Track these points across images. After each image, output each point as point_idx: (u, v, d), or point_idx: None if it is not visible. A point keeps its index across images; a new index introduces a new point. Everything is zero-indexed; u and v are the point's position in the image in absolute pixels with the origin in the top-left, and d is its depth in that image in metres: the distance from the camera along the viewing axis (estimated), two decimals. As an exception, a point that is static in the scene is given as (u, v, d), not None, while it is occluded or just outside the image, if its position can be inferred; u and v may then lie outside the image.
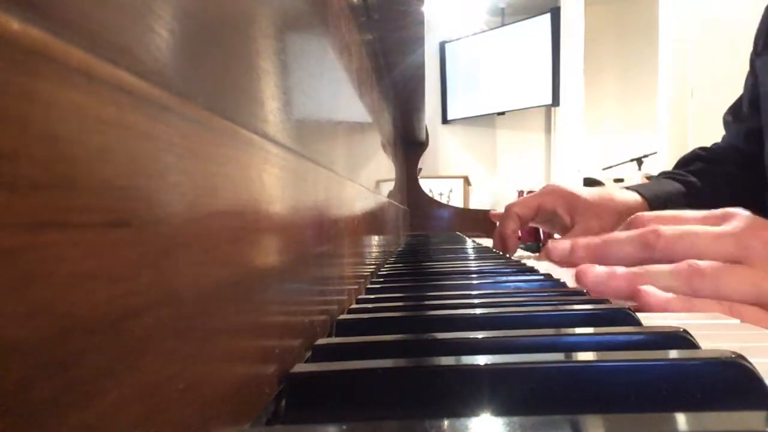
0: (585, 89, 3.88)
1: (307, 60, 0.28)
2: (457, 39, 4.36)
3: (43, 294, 0.08)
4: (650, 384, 0.18)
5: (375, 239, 0.57)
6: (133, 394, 0.10)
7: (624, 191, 0.71)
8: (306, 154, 0.26)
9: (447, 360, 0.19)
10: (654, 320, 0.30)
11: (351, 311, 0.33)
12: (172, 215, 0.12)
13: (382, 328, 0.28)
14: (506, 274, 0.49)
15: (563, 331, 0.24)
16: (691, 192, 0.72)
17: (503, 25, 4.25)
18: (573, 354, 0.20)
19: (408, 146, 1.48)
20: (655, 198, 0.69)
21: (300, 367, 0.20)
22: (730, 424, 0.15)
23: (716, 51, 2.53)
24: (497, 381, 0.18)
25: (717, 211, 0.39)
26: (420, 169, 1.60)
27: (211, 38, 0.16)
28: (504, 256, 0.68)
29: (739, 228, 0.36)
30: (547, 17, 3.99)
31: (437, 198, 1.81)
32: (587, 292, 0.36)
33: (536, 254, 0.76)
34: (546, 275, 0.45)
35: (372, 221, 0.55)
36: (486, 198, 4.34)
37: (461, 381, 0.18)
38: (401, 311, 0.31)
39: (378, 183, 0.69)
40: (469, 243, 0.96)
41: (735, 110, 0.80)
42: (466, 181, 4.06)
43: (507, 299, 0.34)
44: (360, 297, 0.39)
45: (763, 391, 0.17)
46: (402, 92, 1.03)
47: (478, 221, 1.54)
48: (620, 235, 0.41)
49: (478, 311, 0.29)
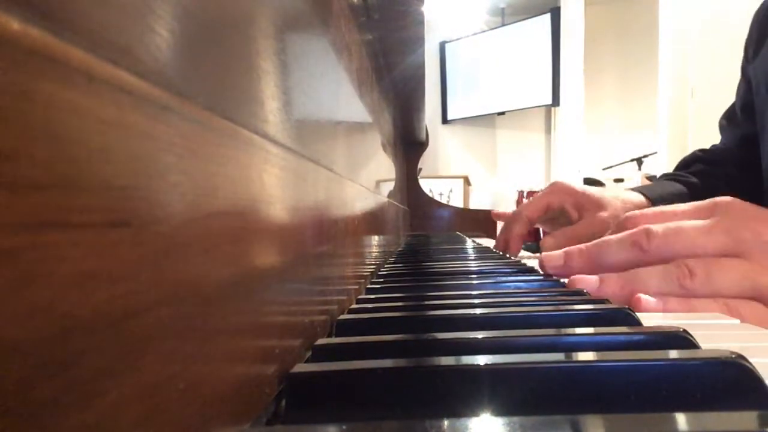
0: (585, 89, 3.88)
1: (308, 60, 0.28)
2: (457, 39, 4.36)
3: (43, 294, 0.08)
4: (650, 384, 0.18)
5: (375, 239, 0.57)
6: (133, 394, 0.10)
7: (628, 192, 0.71)
8: (306, 154, 0.26)
9: (447, 360, 0.19)
10: (654, 320, 0.30)
11: (351, 311, 0.33)
12: (173, 215, 0.12)
13: (383, 328, 0.28)
14: (506, 274, 0.48)
15: (563, 331, 0.24)
16: (693, 193, 0.72)
17: (503, 25, 4.25)
18: (573, 354, 0.20)
19: (408, 146, 1.48)
20: (660, 199, 0.69)
21: (300, 367, 0.20)
22: (730, 424, 0.15)
23: (716, 51, 2.53)
24: (497, 381, 0.18)
25: (706, 202, 0.39)
26: (420, 169, 1.60)
27: (211, 38, 0.16)
28: (504, 256, 0.68)
29: (730, 220, 0.36)
30: (547, 17, 3.99)
31: (437, 198, 1.81)
32: (587, 293, 0.36)
33: (536, 254, 0.76)
34: (546, 275, 0.45)
35: (372, 221, 0.55)
36: (486, 198, 4.34)
37: (461, 381, 0.18)
38: (401, 311, 0.31)
39: (378, 183, 0.69)
40: (469, 243, 0.96)
41: (730, 115, 0.80)
42: (466, 181, 4.06)
43: (507, 299, 0.34)
44: (360, 297, 0.39)
45: (763, 391, 0.17)
46: (402, 92, 1.03)
47: (478, 221, 1.54)
48: (612, 239, 0.41)
49: (479, 311, 0.29)
